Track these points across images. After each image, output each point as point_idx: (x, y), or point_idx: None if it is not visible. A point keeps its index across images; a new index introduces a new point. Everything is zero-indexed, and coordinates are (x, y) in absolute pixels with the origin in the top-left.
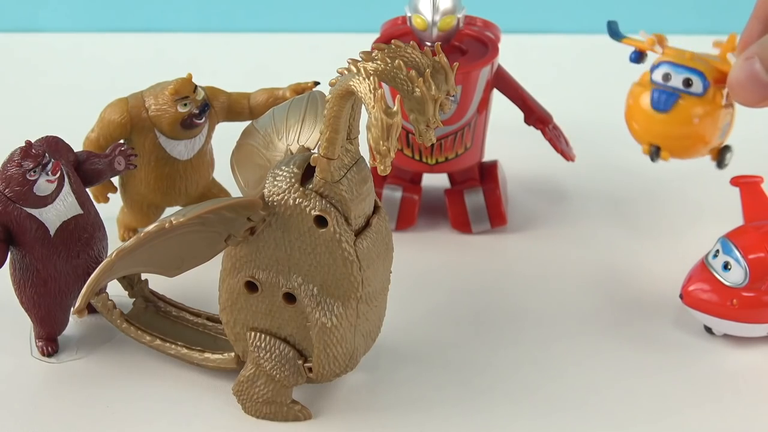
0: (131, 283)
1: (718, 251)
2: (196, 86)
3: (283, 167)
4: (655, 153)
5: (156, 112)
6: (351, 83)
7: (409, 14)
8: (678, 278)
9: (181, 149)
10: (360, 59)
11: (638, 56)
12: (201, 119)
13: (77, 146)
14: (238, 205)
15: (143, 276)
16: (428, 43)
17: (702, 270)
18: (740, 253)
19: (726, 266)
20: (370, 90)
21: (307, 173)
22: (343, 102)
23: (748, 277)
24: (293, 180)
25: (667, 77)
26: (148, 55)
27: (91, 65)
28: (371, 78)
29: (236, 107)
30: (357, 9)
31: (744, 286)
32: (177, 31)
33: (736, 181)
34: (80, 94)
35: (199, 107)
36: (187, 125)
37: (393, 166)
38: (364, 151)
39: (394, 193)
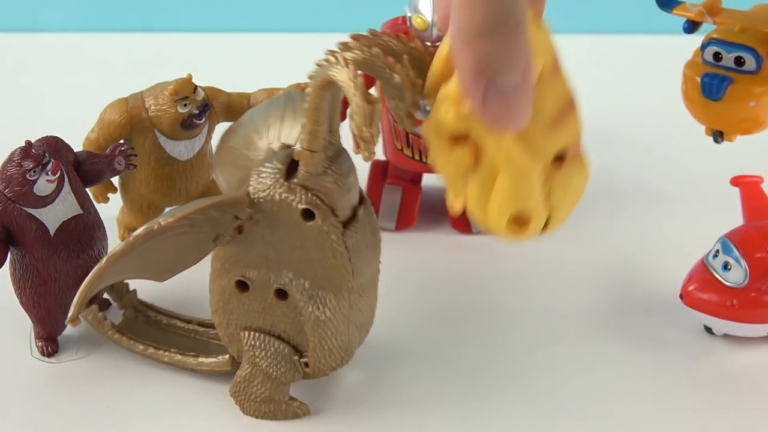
0: (120, 294)
1: (718, 251)
2: (196, 86)
3: (267, 164)
4: (718, 135)
5: (156, 112)
6: (331, 73)
7: (409, 14)
8: (678, 278)
9: (181, 149)
10: (338, 50)
11: (691, 26)
12: (201, 119)
13: (77, 146)
14: (224, 203)
15: (131, 286)
16: (428, 43)
17: (702, 270)
18: (740, 253)
19: (726, 266)
20: (350, 78)
21: (291, 168)
22: (324, 93)
23: (748, 277)
24: (278, 175)
25: (717, 57)
26: (148, 55)
27: (91, 65)
28: (350, 66)
29: (236, 107)
30: (357, 9)
31: (744, 286)
32: (177, 31)
33: (736, 181)
34: (80, 94)
35: (199, 107)
36: (187, 125)
37: (393, 166)
38: (348, 145)
39: (394, 193)
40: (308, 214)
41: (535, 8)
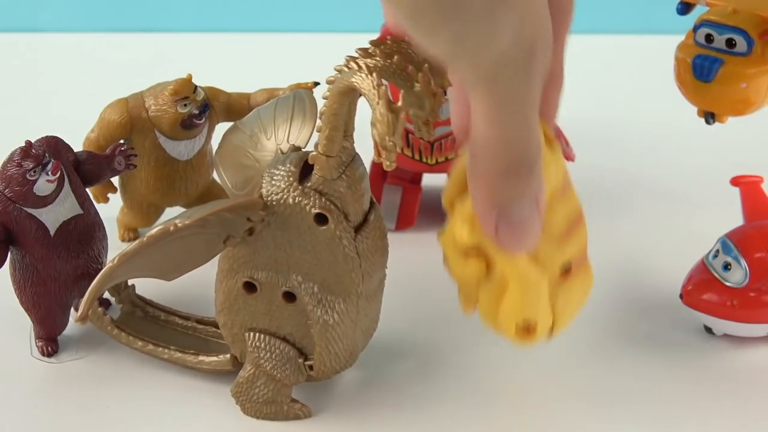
0: (118, 289)
1: (718, 251)
2: (196, 87)
3: (280, 166)
4: (710, 117)
5: (156, 112)
6: (353, 80)
7: None
8: (678, 278)
9: (181, 149)
10: (358, 56)
11: (684, 7)
12: (201, 120)
13: (77, 146)
14: (239, 206)
15: (130, 281)
16: None
17: (702, 270)
18: (740, 253)
19: (726, 266)
20: (373, 86)
21: (304, 171)
22: (344, 99)
23: (749, 277)
24: (291, 179)
25: (709, 38)
26: (148, 55)
27: (91, 65)
28: (373, 74)
29: (236, 107)
30: (357, 9)
31: (744, 286)
32: (177, 31)
33: (736, 181)
34: (80, 94)
35: (199, 108)
36: (187, 125)
37: None
38: (360, 148)
39: (394, 193)
40: (321, 219)
41: (544, 125)
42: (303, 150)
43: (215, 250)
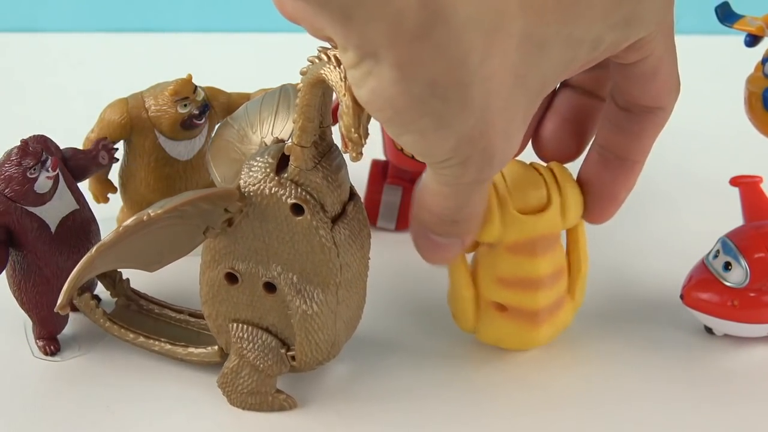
0: (113, 283)
1: (718, 251)
2: (195, 87)
3: (258, 158)
4: None
5: (156, 112)
6: (322, 71)
7: None
8: (678, 278)
9: (181, 150)
10: (330, 47)
11: (752, 40)
12: (201, 120)
13: (79, 147)
14: (214, 196)
15: (124, 275)
16: None
17: (702, 270)
18: (741, 253)
19: (727, 266)
20: (340, 78)
21: (282, 163)
22: (315, 90)
23: (749, 277)
24: (268, 170)
25: None
26: (148, 55)
27: (91, 65)
28: (341, 66)
29: (236, 108)
30: None
31: (744, 287)
32: (177, 31)
33: (735, 181)
34: (80, 94)
35: (199, 108)
36: (187, 126)
37: (393, 166)
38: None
39: (394, 193)
40: (297, 209)
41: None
42: (284, 142)
43: (195, 241)
